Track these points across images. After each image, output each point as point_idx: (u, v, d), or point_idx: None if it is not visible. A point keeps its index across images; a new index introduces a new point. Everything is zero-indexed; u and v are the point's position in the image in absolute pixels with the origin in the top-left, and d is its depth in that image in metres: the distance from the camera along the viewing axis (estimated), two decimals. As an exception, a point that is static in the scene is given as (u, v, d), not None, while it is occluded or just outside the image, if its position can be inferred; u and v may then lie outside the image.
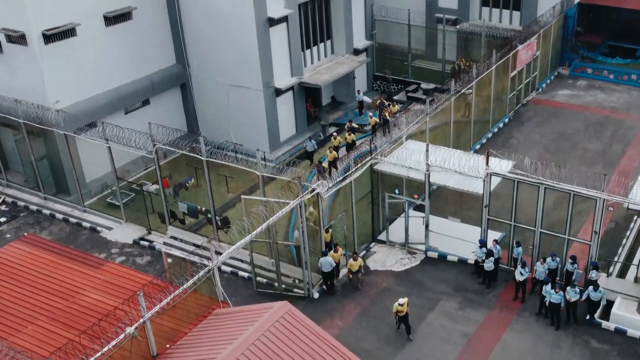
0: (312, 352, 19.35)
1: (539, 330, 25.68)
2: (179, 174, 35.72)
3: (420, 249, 30.58)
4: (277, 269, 27.90)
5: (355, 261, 27.92)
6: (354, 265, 27.93)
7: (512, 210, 27.78)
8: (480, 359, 24.51)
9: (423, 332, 25.90)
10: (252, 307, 21.44)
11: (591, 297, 25.14)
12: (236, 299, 28.43)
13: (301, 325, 19.85)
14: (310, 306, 27.75)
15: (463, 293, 27.83)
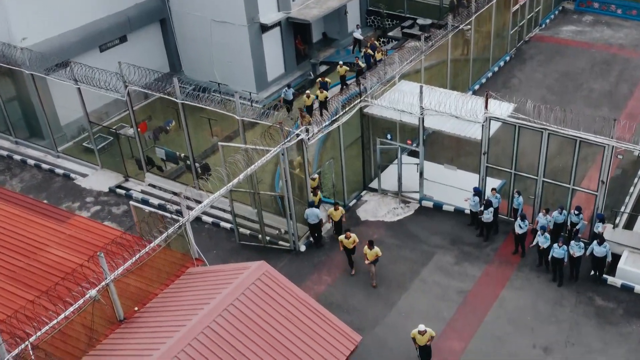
0: (291, 317, 17.68)
1: (539, 286, 23.98)
2: (159, 117, 33.50)
3: (414, 198, 28.68)
4: (261, 220, 26.02)
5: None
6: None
7: (512, 158, 25.77)
8: (476, 317, 22.86)
9: (416, 289, 24.20)
10: (228, 266, 19.65)
11: (595, 252, 23.34)
12: (217, 252, 26.69)
13: (279, 288, 18.13)
14: (296, 260, 25.99)
15: (459, 246, 26.04)
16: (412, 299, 23.77)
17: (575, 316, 22.74)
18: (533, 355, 21.42)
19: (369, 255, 23.97)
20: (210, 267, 20.32)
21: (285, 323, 17.49)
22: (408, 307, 23.43)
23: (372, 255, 23.94)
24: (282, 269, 25.25)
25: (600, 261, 23.49)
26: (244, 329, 16.99)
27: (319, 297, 24.00)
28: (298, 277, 25.00)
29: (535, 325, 22.45)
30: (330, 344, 17.67)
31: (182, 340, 16.35)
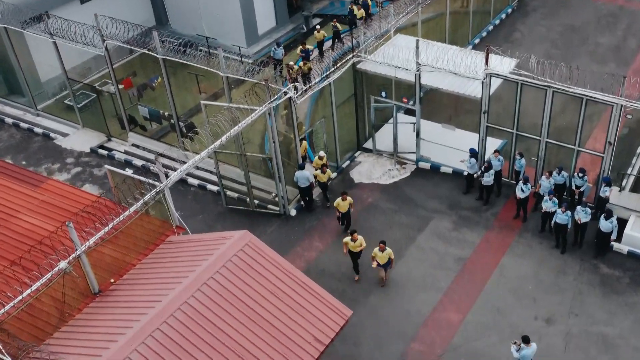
0: (276, 291, 16.48)
1: (542, 253, 22.75)
2: (147, 73, 31.82)
3: (410, 159, 27.30)
4: (248, 183, 24.65)
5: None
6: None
7: (514, 117, 24.30)
8: (475, 286, 21.68)
9: (412, 256, 22.97)
10: (209, 236, 18.35)
11: (601, 227, 22.01)
12: (204, 216, 25.39)
13: (264, 259, 16.88)
14: (286, 225, 24.71)
15: (458, 211, 24.74)
16: (407, 267, 22.55)
17: (579, 285, 21.55)
18: (535, 327, 20.28)
19: (379, 258, 21.20)
20: (191, 235, 19.03)
21: (270, 297, 16.27)
22: (403, 276, 22.22)
23: (384, 259, 21.23)
24: (271, 234, 24.02)
25: (606, 237, 22.08)
26: (224, 305, 15.76)
27: (309, 265, 22.80)
28: (288, 243, 23.76)
29: (537, 295, 21.28)
30: (318, 319, 16.48)
31: (158, 317, 15.15)
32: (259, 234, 23.60)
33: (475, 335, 20.16)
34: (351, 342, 20.15)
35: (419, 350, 19.81)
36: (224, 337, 15.32)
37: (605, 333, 20.03)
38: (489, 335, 20.10)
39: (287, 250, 23.44)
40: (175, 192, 25.88)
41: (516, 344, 18.05)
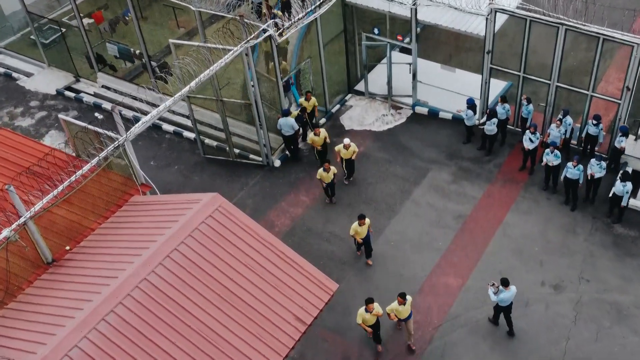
0: (250, 263, 14.48)
1: (550, 210, 20.67)
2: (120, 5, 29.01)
3: (406, 103, 24.96)
4: (227, 131, 22.34)
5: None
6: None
7: (521, 58, 21.84)
8: (476, 247, 19.67)
9: (407, 212, 20.88)
10: (176, 198, 16.19)
11: (616, 191, 19.80)
12: (179, 167, 23.17)
13: (237, 227, 14.76)
14: (270, 177, 22.52)
15: (457, 161, 22.54)
16: (402, 225, 20.49)
17: (590, 246, 19.54)
18: (542, 293, 18.37)
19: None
20: (156, 197, 16.86)
21: (243, 271, 14.19)
22: (397, 235, 20.19)
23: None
24: (253, 187, 21.88)
25: (619, 200, 19.84)
26: (191, 281, 13.69)
27: (295, 222, 20.73)
28: (271, 197, 21.63)
29: (544, 258, 19.29)
30: (299, 295, 14.43)
31: (112, 298, 13.09)
32: (239, 187, 21.54)
33: (476, 303, 18.26)
34: (339, 311, 18.23)
35: (415, 320, 17.89)
36: (190, 318, 13.29)
37: (619, 301, 18.12)
38: (491, 303, 18.11)
39: (270, 206, 21.34)
40: (148, 139, 23.73)
41: (494, 285, 16.56)
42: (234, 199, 21.58)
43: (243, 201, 21.53)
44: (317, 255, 19.68)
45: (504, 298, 16.71)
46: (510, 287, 16.59)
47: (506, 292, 16.62)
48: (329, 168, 20.22)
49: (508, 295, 16.64)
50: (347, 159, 21.25)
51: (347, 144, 20.85)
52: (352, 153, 21.12)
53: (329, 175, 20.42)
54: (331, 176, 20.46)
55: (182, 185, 22.23)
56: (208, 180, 22.40)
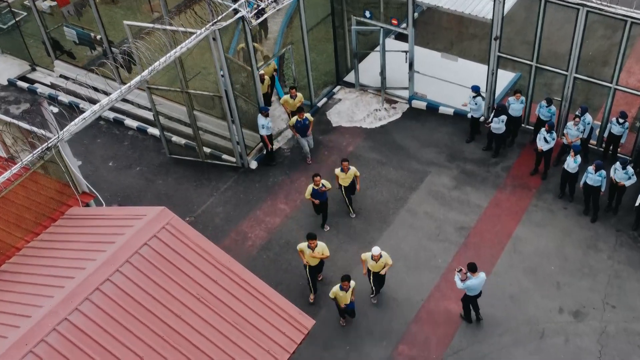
0: (205, 295, 11.71)
1: (567, 222, 17.83)
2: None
3: (401, 96, 22.06)
4: (194, 127, 19.43)
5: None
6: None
7: (534, 45, 18.90)
8: (482, 265, 16.74)
9: (402, 223, 18.03)
10: (119, 212, 13.27)
11: (644, 197, 17.02)
12: (141, 169, 20.29)
13: (188, 250, 11.93)
14: (245, 180, 19.64)
15: (460, 163, 19.67)
16: (395, 238, 17.64)
17: (615, 265, 16.71)
18: (560, 322, 15.56)
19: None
20: (97, 210, 13.95)
21: (195, 306, 11.33)
22: (390, 250, 17.19)
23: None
24: (224, 192, 19.03)
25: (646, 207, 17.06)
26: (126, 320, 10.84)
27: (271, 234, 17.87)
28: (245, 204, 18.78)
29: (561, 279, 16.46)
30: (266, 335, 11.59)
31: (23, 342, 10.19)
32: (209, 193, 18.68)
33: (482, 333, 15.43)
34: (320, 344, 15.39)
35: (408, 354, 15.09)
36: (122, 370, 10.46)
37: (652, 333, 15.33)
38: (500, 334, 15.37)
39: (243, 215, 18.48)
40: (109, 136, 20.87)
41: (461, 271, 14.76)
42: (202, 207, 18.73)
43: (212, 209, 18.67)
44: (296, 274, 16.87)
45: (472, 285, 14.76)
46: (480, 273, 14.78)
47: (474, 279, 14.68)
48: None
49: (476, 282, 14.75)
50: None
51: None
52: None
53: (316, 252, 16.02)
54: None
55: (143, 190, 19.37)
56: (173, 185, 19.53)
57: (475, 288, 14.94)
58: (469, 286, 14.82)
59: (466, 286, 14.82)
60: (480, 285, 14.94)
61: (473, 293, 15.11)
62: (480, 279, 14.82)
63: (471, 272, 14.72)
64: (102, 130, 21.58)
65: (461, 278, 14.80)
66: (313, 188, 17.07)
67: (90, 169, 20.03)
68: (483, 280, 14.90)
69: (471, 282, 14.74)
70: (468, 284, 14.77)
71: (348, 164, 17.44)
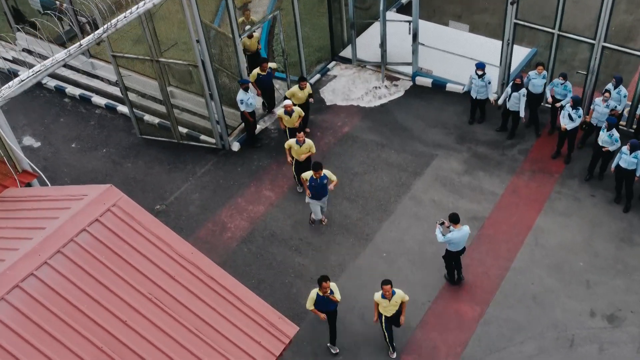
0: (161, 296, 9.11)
1: (596, 211, 15.44)
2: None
3: (404, 72, 19.67)
4: (167, 103, 17.02)
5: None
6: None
7: (557, 10, 16.49)
8: (499, 261, 14.45)
9: (405, 213, 15.64)
10: (59, 192, 10.77)
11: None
12: (108, 150, 17.85)
13: (140, 238, 9.47)
14: (226, 163, 17.24)
15: (471, 146, 17.28)
16: (397, 230, 15.23)
17: (653, 261, 14.35)
18: (592, 328, 13.16)
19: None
20: (36, 190, 11.50)
21: (147, 310, 8.92)
22: (391, 244, 14.92)
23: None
24: (201, 177, 16.63)
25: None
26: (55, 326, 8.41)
27: (254, 225, 15.47)
28: (225, 190, 16.39)
29: (592, 277, 14.07)
30: (237, 346, 9.16)
31: None
32: (184, 178, 16.31)
33: (501, 340, 13.02)
34: (309, 353, 12.99)
35: (413, 366, 12.71)
36: (47, 391, 8.05)
37: (701, 340, 12.92)
38: (522, 342, 12.96)
39: (223, 202, 16.10)
40: (73, 115, 18.54)
41: (443, 224, 13.15)
42: (175, 193, 16.33)
43: (187, 196, 16.27)
44: (282, 270, 14.48)
45: (454, 239, 13.19)
46: (462, 226, 13.23)
47: (456, 232, 13.11)
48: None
49: (459, 236, 13.19)
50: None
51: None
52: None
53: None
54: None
55: (108, 174, 16.95)
56: (143, 168, 17.13)
57: (458, 242, 13.30)
58: (451, 239, 13.16)
59: (448, 239, 13.17)
60: (463, 240, 13.35)
61: (455, 248, 13.41)
62: (464, 232, 13.22)
63: (453, 224, 13.06)
64: (66, 108, 19.19)
65: (443, 232, 13.15)
66: (318, 295, 12.30)
67: (50, 151, 17.63)
68: (466, 234, 13.30)
69: (453, 235, 13.08)
70: (450, 237, 13.13)
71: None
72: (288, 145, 15.44)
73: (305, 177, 14.50)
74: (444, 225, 13.21)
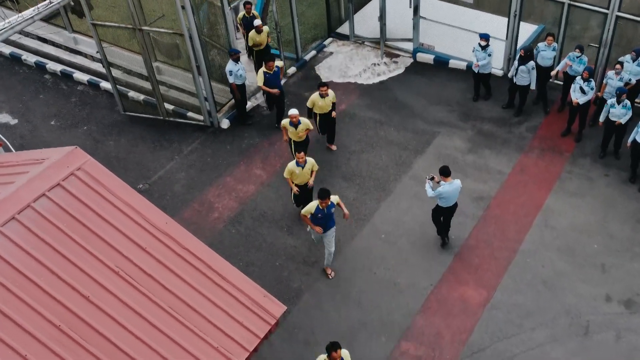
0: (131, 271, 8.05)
1: (609, 191, 14.40)
2: None
3: (404, 49, 18.64)
4: (152, 77, 15.96)
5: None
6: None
7: (567, -21, 15.52)
8: (507, 243, 13.41)
9: (405, 192, 14.60)
10: (21, 156, 9.73)
11: None
12: (90, 127, 16.86)
13: (109, 206, 8.41)
14: (214, 141, 16.21)
15: (475, 123, 16.25)
16: (397, 210, 14.19)
17: (672, 243, 13.30)
18: (608, 314, 12.11)
19: None
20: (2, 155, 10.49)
21: (113, 286, 7.89)
22: (390, 225, 13.88)
23: None
24: (188, 156, 15.61)
25: None
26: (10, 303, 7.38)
27: (244, 205, 14.43)
28: (213, 169, 15.35)
29: (607, 260, 13.02)
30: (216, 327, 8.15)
31: None
32: (169, 156, 15.32)
33: (509, 327, 11.97)
34: (301, 340, 11.95)
35: (413, 354, 11.63)
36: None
37: None
38: (533, 329, 11.92)
39: (210, 181, 15.07)
40: (54, 92, 17.51)
41: (433, 179, 12.46)
42: (159, 172, 15.29)
43: (172, 175, 15.22)
44: (272, 252, 13.44)
45: (444, 192, 12.39)
46: (454, 180, 12.46)
47: (447, 185, 12.35)
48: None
49: (450, 189, 12.40)
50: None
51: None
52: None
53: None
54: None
55: (89, 152, 15.23)
56: (126, 146, 16.08)
57: (448, 197, 12.49)
58: (442, 193, 12.38)
59: (438, 193, 12.37)
60: (455, 194, 12.56)
61: (446, 203, 12.61)
62: (455, 185, 12.47)
63: (444, 177, 12.31)
64: (46, 85, 18.14)
65: (431, 186, 12.44)
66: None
67: (28, 129, 16.58)
68: (458, 187, 12.52)
69: (444, 188, 12.33)
70: (440, 191, 12.36)
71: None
72: (288, 173, 13.16)
73: (309, 211, 11.95)
74: (433, 180, 12.41)
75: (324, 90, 14.61)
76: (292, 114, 13.94)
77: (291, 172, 13.13)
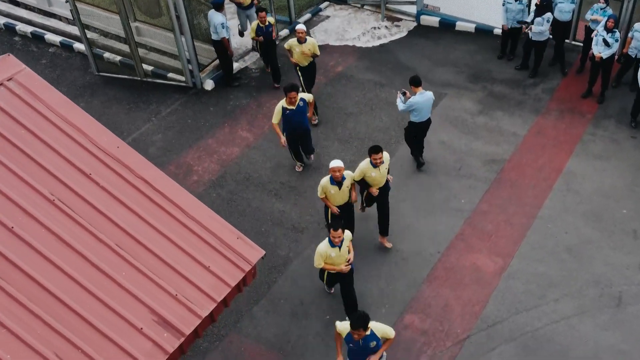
0: (60, 191, 6.38)
1: (637, 154, 12.82)
2: None
3: (407, 12, 17.15)
4: (128, 34, 14.42)
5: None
6: None
7: None
8: (524, 207, 11.83)
9: (408, 155, 13.01)
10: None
11: None
12: (61, 89, 14.97)
13: (41, 118, 6.89)
14: (196, 103, 14.66)
15: (486, 85, 14.70)
16: (399, 174, 12.59)
17: None
18: (633, 284, 10.47)
19: None
20: None
21: (48, 218, 6.31)
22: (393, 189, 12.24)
23: None
24: (167, 117, 14.08)
25: None
26: None
27: (226, 167, 12.86)
28: (194, 131, 13.82)
29: (639, 226, 11.41)
30: (177, 272, 6.54)
31: None
32: (146, 118, 13.83)
33: (528, 298, 10.35)
34: (287, 310, 10.33)
35: (419, 327, 10.01)
36: None
37: None
38: (557, 300, 10.30)
39: (190, 143, 13.55)
40: (23, 54, 15.97)
41: (405, 94, 11.64)
42: (133, 134, 13.75)
43: (148, 137, 13.67)
44: (258, 217, 11.85)
45: (416, 103, 11.54)
46: (425, 91, 11.66)
47: (418, 95, 11.54)
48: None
49: (422, 100, 11.56)
50: None
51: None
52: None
53: None
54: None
55: None
56: (98, 107, 14.52)
57: (421, 109, 11.65)
58: (413, 104, 11.54)
59: (409, 105, 11.54)
60: (427, 106, 11.74)
61: (419, 118, 11.77)
62: (427, 96, 11.68)
63: (414, 87, 11.50)
64: (15, 47, 16.63)
65: (403, 100, 11.64)
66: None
67: (-9, 90, 15.02)
68: (430, 99, 11.75)
69: (415, 98, 11.51)
70: (411, 102, 11.53)
71: None
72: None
73: (340, 332, 8.13)
74: (405, 95, 11.38)
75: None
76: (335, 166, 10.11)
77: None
